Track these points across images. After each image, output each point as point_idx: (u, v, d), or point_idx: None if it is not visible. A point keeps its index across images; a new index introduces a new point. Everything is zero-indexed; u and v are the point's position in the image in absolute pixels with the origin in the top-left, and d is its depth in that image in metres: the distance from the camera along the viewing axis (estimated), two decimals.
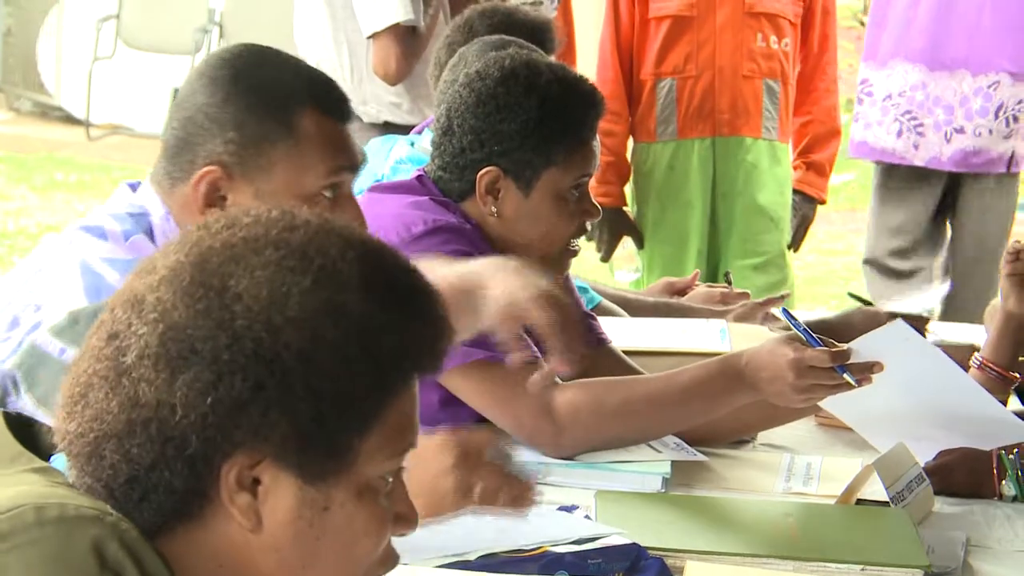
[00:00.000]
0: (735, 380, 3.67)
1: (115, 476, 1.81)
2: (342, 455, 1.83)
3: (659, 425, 3.77)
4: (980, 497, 3.76)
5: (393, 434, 1.87)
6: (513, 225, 3.81)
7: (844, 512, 3.54)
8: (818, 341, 3.53)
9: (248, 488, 1.81)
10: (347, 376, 1.82)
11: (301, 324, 1.79)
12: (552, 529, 3.18)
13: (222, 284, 1.80)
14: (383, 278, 1.87)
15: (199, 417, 1.78)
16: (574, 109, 3.83)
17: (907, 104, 7.48)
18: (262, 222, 1.87)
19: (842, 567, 3.17)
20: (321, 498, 1.84)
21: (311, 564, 1.87)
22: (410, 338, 1.87)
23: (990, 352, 4.42)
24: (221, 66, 3.06)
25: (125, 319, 1.83)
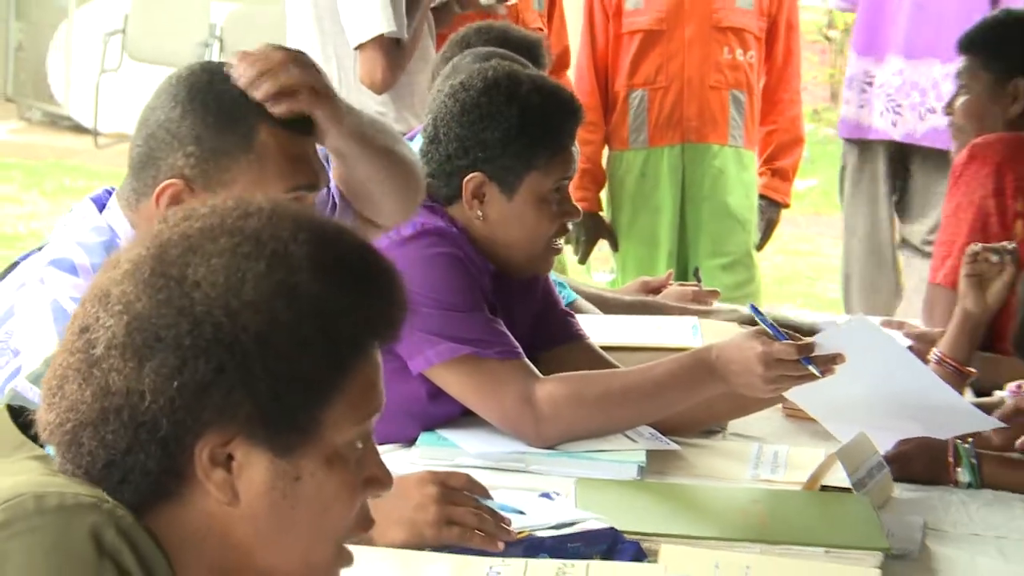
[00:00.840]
0: (706, 372, 3.67)
1: (94, 462, 1.82)
2: (307, 428, 1.84)
3: (635, 416, 3.77)
4: (937, 484, 3.76)
5: (356, 402, 1.87)
6: (498, 227, 3.82)
7: (809, 498, 3.54)
8: (784, 335, 3.54)
9: (222, 464, 1.82)
10: (304, 354, 1.82)
11: (257, 307, 1.80)
12: (534, 514, 3.19)
13: (181, 273, 1.81)
14: (334, 257, 1.87)
15: (167, 401, 1.79)
16: (553, 117, 3.84)
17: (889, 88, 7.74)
18: (217, 212, 1.88)
19: (807, 549, 3.17)
20: (292, 469, 1.84)
21: (288, 531, 1.87)
22: (364, 313, 1.87)
23: (948, 348, 4.44)
24: (179, 83, 2.98)
25: (94, 313, 1.84)
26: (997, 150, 4.94)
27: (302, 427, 1.83)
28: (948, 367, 4.31)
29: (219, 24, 13.45)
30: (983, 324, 4.53)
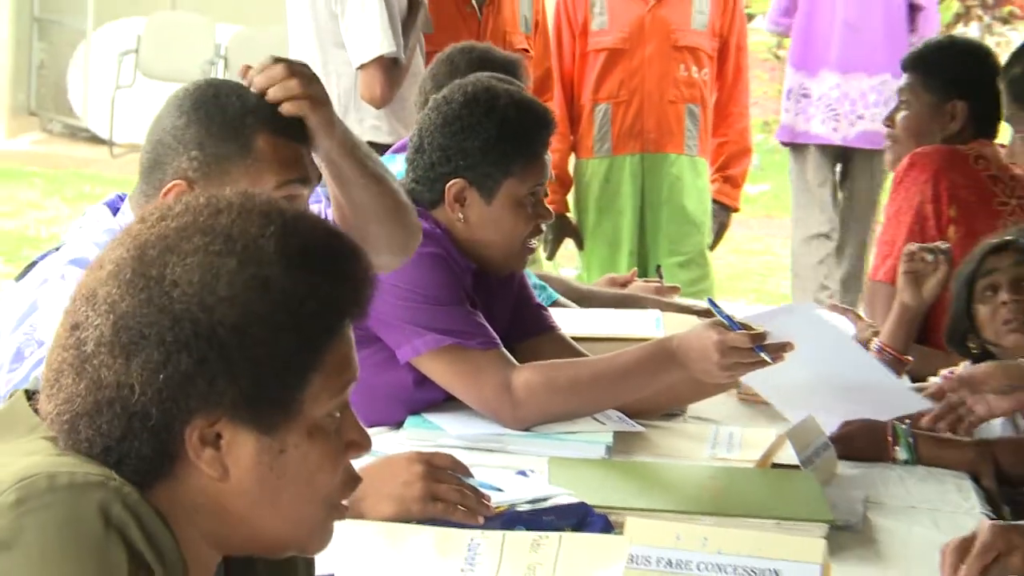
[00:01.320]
0: (668, 360, 3.68)
1: (91, 448, 1.81)
2: (288, 405, 1.83)
3: (603, 400, 3.78)
4: (877, 461, 3.79)
5: (332, 377, 1.87)
6: (478, 229, 3.82)
7: (761, 474, 3.55)
8: (738, 325, 3.55)
9: (211, 444, 1.82)
10: (280, 340, 1.81)
11: (232, 301, 1.79)
12: (511, 490, 3.19)
13: (160, 273, 1.80)
14: (301, 246, 1.85)
15: (155, 393, 1.78)
16: (528, 128, 3.84)
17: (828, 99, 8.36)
18: (190, 210, 1.86)
19: (759, 521, 3.17)
20: (276, 443, 1.84)
21: (277, 499, 1.87)
22: (332, 296, 1.86)
23: (887, 337, 4.45)
24: (186, 96, 3.02)
25: (83, 311, 1.84)
26: (935, 160, 4.95)
27: (283, 405, 1.82)
28: (887, 355, 4.32)
29: (224, 44, 13.43)
30: (919, 317, 4.54)
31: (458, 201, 3.80)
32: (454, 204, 3.80)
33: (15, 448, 1.83)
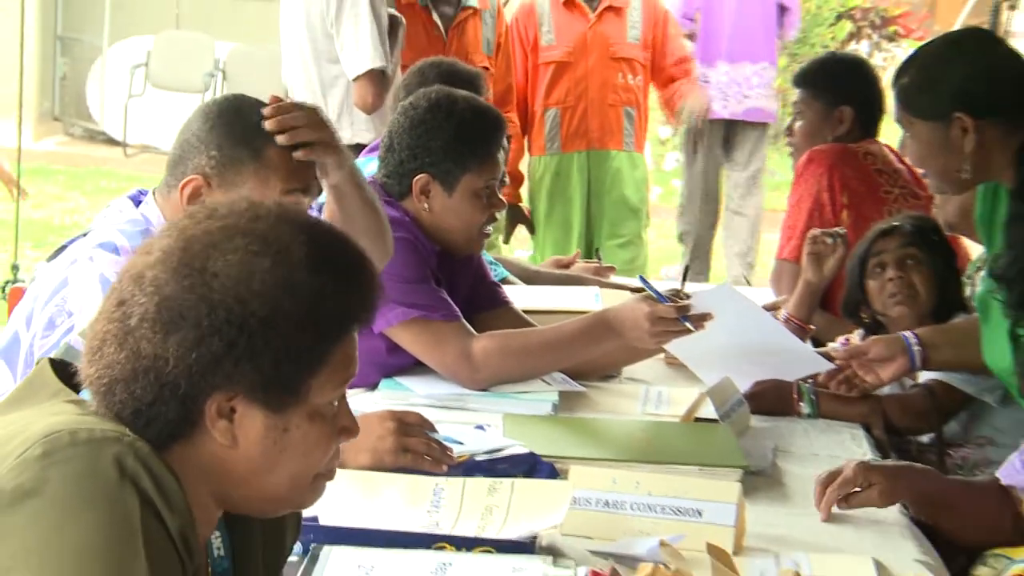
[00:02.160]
0: (605, 329, 3.67)
1: (123, 409, 1.82)
2: (297, 391, 1.86)
3: (550, 364, 3.78)
4: (784, 415, 3.79)
5: (337, 372, 1.89)
6: (441, 217, 3.81)
7: (685, 427, 3.54)
8: (666, 299, 3.56)
9: (226, 416, 1.84)
10: (299, 335, 1.84)
11: (263, 297, 1.81)
12: (471, 443, 3.18)
13: (203, 265, 1.82)
14: (326, 256, 1.87)
15: (186, 367, 1.80)
16: (483, 130, 3.84)
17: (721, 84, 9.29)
18: (234, 213, 1.88)
19: (684, 468, 3.17)
20: (282, 422, 1.86)
21: (275, 468, 1.88)
22: (348, 302, 1.89)
23: (793, 309, 4.47)
24: (213, 106, 3.12)
25: (130, 290, 1.84)
26: (829, 156, 4.98)
27: (292, 391, 1.84)
28: (793, 324, 4.32)
29: (222, 59, 13.37)
30: (820, 292, 4.55)
31: (424, 193, 3.79)
32: (420, 196, 3.79)
33: (40, 410, 1.83)
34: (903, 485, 3.02)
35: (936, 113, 3.35)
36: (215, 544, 2.00)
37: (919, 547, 2.93)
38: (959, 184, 3.47)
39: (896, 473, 3.06)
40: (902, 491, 3.01)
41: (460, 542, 2.66)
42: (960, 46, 3.64)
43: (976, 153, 3.34)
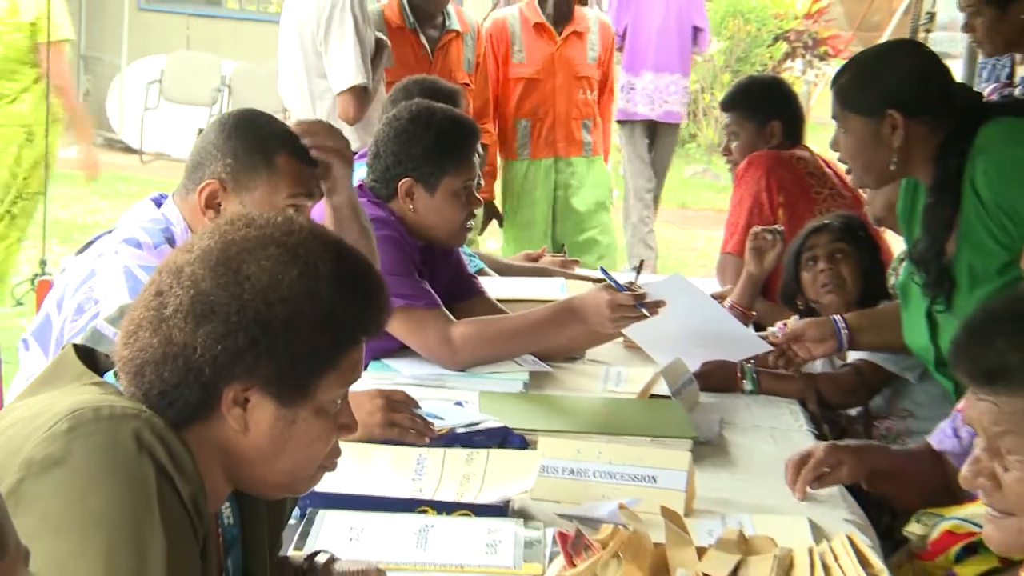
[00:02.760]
0: (570, 316, 3.67)
1: (151, 389, 1.83)
2: (307, 389, 1.87)
3: (521, 348, 3.77)
4: (729, 391, 3.79)
5: (344, 375, 1.90)
6: (424, 216, 3.80)
7: (642, 403, 3.53)
8: (624, 288, 3.55)
9: (241, 404, 1.84)
10: (316, 340, 1.85)
11: (288, 302, 1.82)
12: (451, 417, 3.17)
13: (237, 267, 1.82)
14: (348, 273, 1.89)
15: (212, 357, 1.81)
16: (459, 137, 3.83)
17: (647, 90, 9.73)
18: (271, 225, 1.89)
19: (640, 439, 3.17)
20: (290, 415, 1.87)
21: (280, 456, 1.89)
22: (361, 315, 1.90)
23: (737, 298, 4.46)
24: (230, 118, 3.11)
25: (168, 282, 1.85)
26: (766, 161, 4.99)
27: (303, 388, 1.86)
28: (737, 311, 4.32)
29: (228, 76, 13.34)
30: (761, 282, 4.55)
31: (408, 195, 3.77)
32: (405, 198, 3.78)
33: (65, 390, 1.83)
34: (865, 461, 3.02)
35: (871, 109, 3.37)
36: (225, 513, 1.99)
37: (848, 508, 2.94)
38: (883, 177, 3.49)
39: (859, 451, 3.05)
40: (864, 467, 3.01)
41: (441, 506, 2.66)
42: (896, 52, 3.65)
43: (902, 148, 3.36)
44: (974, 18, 4.50)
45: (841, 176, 5.02)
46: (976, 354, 1.98)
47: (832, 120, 3.56)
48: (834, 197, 4.94)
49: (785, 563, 2.29)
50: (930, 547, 2.90)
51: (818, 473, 2.96)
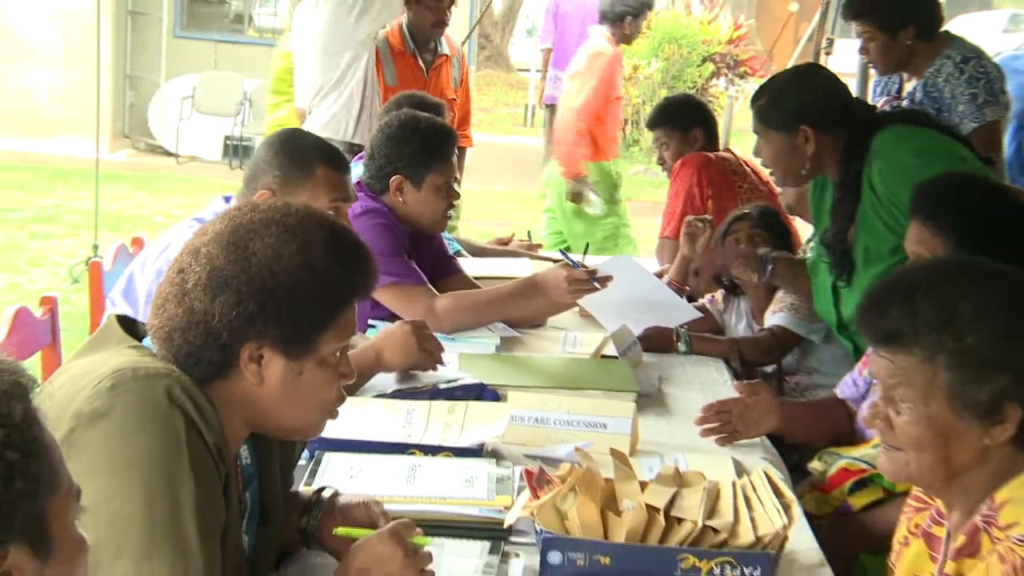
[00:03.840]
0: (534, 289, 3.66)
1: (179, 352, 1.82)
2: (310, 345, 1.85)
3: (493, 316, 3.74)
4: (667, 352, 3.77)
5: (340, 332, 1.89)
6: (412, 207, 3.77)
7: (594, 362, 3.52)
8: (579, 265, 3.57)
9: (255, 361, 1.83)
10: (313, 302, 1.84)
11: (289, 272, 1.81)
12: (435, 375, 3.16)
13: (245, 246, 1.82)
14: (339, 247, 1.88)
15: (228, 322, 1.80)
16: (441, 141, 3.81)
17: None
18: (271, 209, 1.89)
19: (593, 392, 3.17)
20: (297, 367, 1.86)
21: (292, 402, 1.87)
22: (351, 281, 1.89)
23: (673, 274, 4.45)
24: (277, 137, 3.13)
25: (188, 261, 1.84)
26: (697, 160, 5.02)
27: (307, 344, 1.84)
28: (674, 285, 4.31)
29: (248, 91, 13.28)
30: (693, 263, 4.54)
31: (398, 190, 3.75)
32: (396, 192, 3.76)
33: (109, 354, 1.83)
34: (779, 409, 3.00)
35: (786, 126, 3.40)
36: (243, 455, 1.98)
37: (764, 448, 2.95)
38: (799, 178, 3.52)
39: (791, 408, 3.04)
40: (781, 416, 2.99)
41: (427, 449, 2.65)
42: (803, 75, 3.66)
43: (814, 155, 3.40)
44: (868, 43, 4.49)
45: (759, 173, 5.05)
46: (876, 320, 1.99)
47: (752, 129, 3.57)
48: (753, 190, 4.95)
49: (713, 493, 2.28)
50: (829, 481, 2.93)
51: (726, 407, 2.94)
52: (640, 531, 2.14)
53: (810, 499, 2.93)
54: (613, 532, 2.15)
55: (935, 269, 2.08)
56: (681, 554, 2.12)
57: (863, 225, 3.39)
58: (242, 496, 1.95)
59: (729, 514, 2.21)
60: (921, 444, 1.93)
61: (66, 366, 1.88)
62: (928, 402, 1.92)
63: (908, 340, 1.93)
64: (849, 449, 2.96)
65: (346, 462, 2.54)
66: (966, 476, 1.93)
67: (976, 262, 2.07)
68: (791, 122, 3.39)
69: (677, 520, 2.15)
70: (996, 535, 1.85)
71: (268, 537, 2.03)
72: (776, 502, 2.24)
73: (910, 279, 2.02)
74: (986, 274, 2.00)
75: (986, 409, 1.89)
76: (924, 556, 2.09)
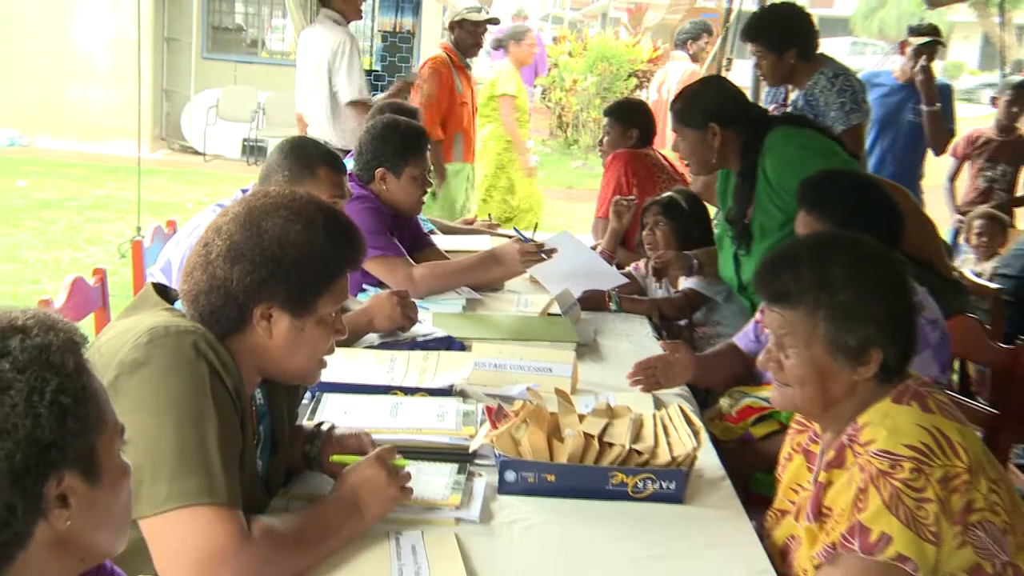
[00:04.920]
0: (493, 260, 3.63)
1: (204, 311, 1.80)
2: (311, 306, 1.84)
3: (460, 282, 3.70)
4: (600, 311, 3.76)
5: (335, 296, 1.87)
6: (393, 194, 3.70)
7: (542, 319, 3.49)
8: (529, 240, 3.54)
9: (266, 319, 1.81)
10: (314, 272, 1.83)
11: (295, 247, 1.80)
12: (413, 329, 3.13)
13: (258, 224, 1.80)
14: (336, 228, 1.86)
15: (244, 287, 1.78)
16: (415, 139, 3.74)
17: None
18: (280, 195, 1.87)
19: (542, 343, 3.15)
20: (300, 324, 1.84)
21: (295, 353, 1.85)
22: (345, 256, 1.87)
23: (605, 247, 4.44)
24: (287, 143, 3.03)
25: (211, 236, 1.83)
26: (625, 155, 4.97)
27: (308, 306, 1.83)
28: (606, 256, 4.29)
29: (262, 102, 13.20)
30: (620, 236, 4.53)
31: (382, 180, 3.69)
32: (380, 182, 3.69)
33: (147, 315, 1.81)
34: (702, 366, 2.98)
35: (698, 124, 3.38)
36: (257, 396, 1.97)
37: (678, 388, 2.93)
38: (710, 167, 3.50)
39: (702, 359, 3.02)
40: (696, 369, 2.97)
41: (406, 390, 2.62)
42: (711, 85, 3.63)
43: (720, 149, 3.38)
44: (761, 61, 4.48)
45: (674, 166, 5.03)
46: (769, 283, 1.99)
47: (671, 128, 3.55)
48: (670, 180, 4.93)
49: (637, 423, 2.27)
50: (736, 414, 2.91)
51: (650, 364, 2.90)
52: (579, 454, 2.13)
53: (717, 427, 2.93)
54: (557, 455, 2.14)
55: (815, 242, 2.08)
56: (612, 471, 2.12)
57: (758, 206, 3.39)
58: (256, 429, 1.93)
59: (650, 439, 2.21)
60: (804, 380, 1.95)
61: (111, 324, 1.85)
62: (810, 347, 1.94)
63: (794, 299, 1.94)
64: (754, 389, 2.96)
65: (341, 401, 2.51)
66: (838, 405, 1.96)
67: (848, 237, 2.07)
68: (702, 121, 3.37)
69: (608, 445, 2.15)
70: (858, 450, 1.87)
71: (278, 462, 2.02)
72: (688, 430, 2.24)
73: (795, 250, 2.02)
74: (855, 246, 2.00)
75: (855, 352, 1.92)
76: (803, 468, 2.12)
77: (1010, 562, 1.79)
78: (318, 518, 1.82)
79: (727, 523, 2.08)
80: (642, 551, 1.92)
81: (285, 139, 3.08)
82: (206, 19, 14.09)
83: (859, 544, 1.77)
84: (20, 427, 1.10)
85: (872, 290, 1.92)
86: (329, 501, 1.88)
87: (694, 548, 1.96)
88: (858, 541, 1.77)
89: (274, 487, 2.01)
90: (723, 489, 2.23)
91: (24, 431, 1.10)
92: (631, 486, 2.11)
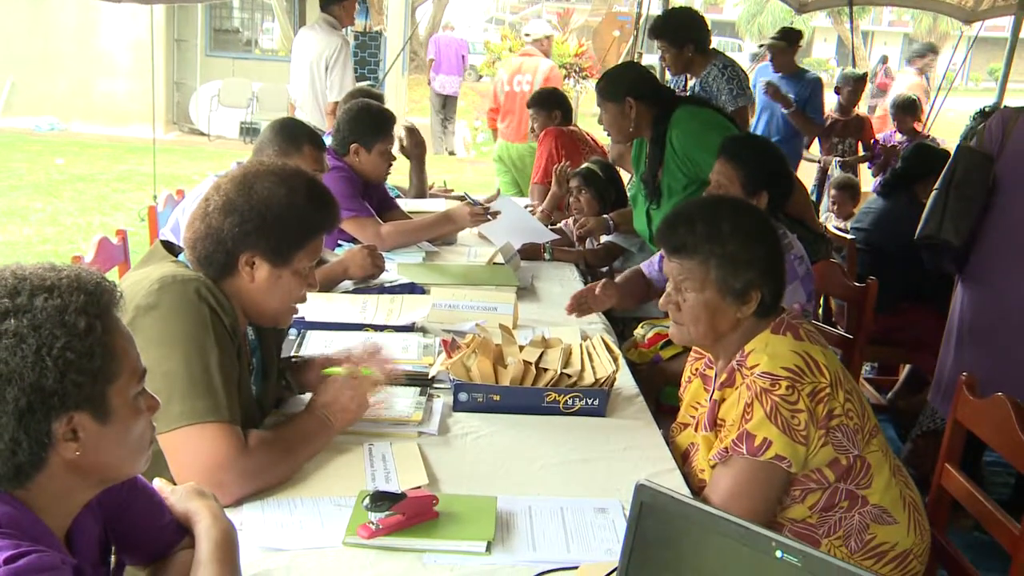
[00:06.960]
0: (448, 219, 3.56)
1: (200, 255, 1.77)
2: (288, 258, 1.78)
3: (420, 237, 3.61)
4: (536, 260, 3.71)
5: (310, 252, 1.81)
6: (365, 164, 3.59)
7: (489, 267, 3.42)
8: (478, 203, 3.50)
9: (250, 265, 1.76)
10: (293, 229, 1.77)
11: (279, 206, 1.75)
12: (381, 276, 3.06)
13: (250, 186, 1.75)
14: (315, 194, 1.81)
15: (234, 236, 1.74)
16: (384, 119, 3.63)
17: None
18: (271, 164, 1.82)
19: (487, 286, 3.11)
20: (278, 273, 1.78)
21: (273, 297, 1.80)
22: (321, 219, 1.82)
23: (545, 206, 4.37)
24: (275, 122, 2.94)
25: (211, 193, 1.79)
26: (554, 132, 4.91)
27: (286, 257, 1.77)
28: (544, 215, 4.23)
29: (256, 91, 12.99)
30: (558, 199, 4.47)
31: (356, 153, 3.57)
32: (354, 155, 3.57)
33: (157, 266, 1.76)
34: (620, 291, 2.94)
35: (617, 98, 3.32)
36: (250, 333, 1.91)
37: (601, 322, 2.91)
38: (627, 137, 3.44)
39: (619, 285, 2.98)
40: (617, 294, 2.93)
41: (377, 327, 2.57)
42: (628, 69, 3.56)
43: (636, 120, 3.32)
44: (664, 54, 4.44)
45: (595, 140, 4.97)
46: (670, 236, 1.96)
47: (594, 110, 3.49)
48: (592, 151, 4.88)
49: (567, 352, 2.25)
50: (647, 341, 2.91)
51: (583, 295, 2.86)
52: (519, 378, 2.11)
53: (633, 354, 2.93)
54: (501, 378, 2.11)
55: (705, 204, 2.06)
56: (546, 391, 2.09)
57: (666, 170, 3.36)
58: (250, 360, 1.89)
59: (578, 365, 2.19)
60: (697, 319, 1.94)
61: (128, 274, 1.82)
62: (703, 290, 1.92)
63: (690, 250, 1.92)
64: (662, 321, 2.96)
65: (321, 337, 2.45)
66: (727, 338, 1.95)
67: (729, 199, 2.10)
68: (620, 95, 3.31)
69: (543, 370, 2.13)
70: (745, 372, 1.88)
71: (269, 387, 1.98)
72: (608, 356, 2.23)
73: (690, 210, 1.99)
74: (736, 206, 2.00)
75: (740, 293, 1.91)
76: (700, 389, 2.12)
77: (859, 455, 1.85)
78: (299, 429, 1.80)
79: (640, 432, 2.06)
80: (571, 455, 1.91)
81: (276, 120, 2.98)
82: (209, 23, 13.87)
83: (746, 448, 1.79)
84: (27, 376, 1.08)
85: (753, 241, 1.92)
86: (305, 416, 1.85)
87: (614, 452, 1.95)
88: (745, 445, 1.79)
89: (266, 407, 1.98)
90: (637, 404, 2.22)
91: (30, 380, 1.08)
92: (562, 403, 2.09)
